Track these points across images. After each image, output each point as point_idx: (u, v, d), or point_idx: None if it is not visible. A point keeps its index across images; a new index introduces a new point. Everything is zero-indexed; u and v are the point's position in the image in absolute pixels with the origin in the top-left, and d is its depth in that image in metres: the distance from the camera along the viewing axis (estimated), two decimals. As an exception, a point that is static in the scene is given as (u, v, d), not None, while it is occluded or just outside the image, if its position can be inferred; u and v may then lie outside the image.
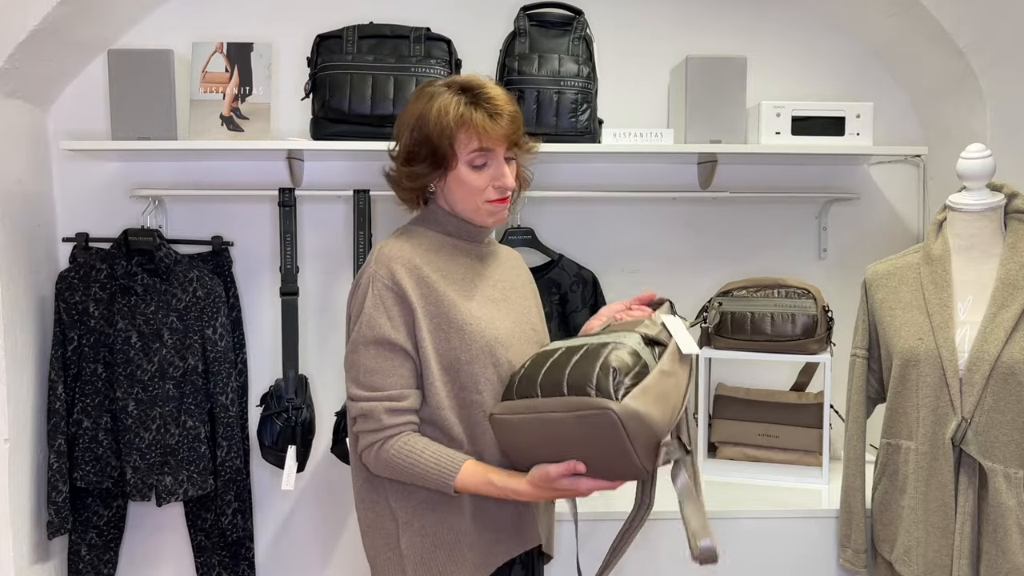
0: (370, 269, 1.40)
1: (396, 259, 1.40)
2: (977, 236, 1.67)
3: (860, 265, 2.40)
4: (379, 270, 1.39)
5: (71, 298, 2.09)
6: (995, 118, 2.08)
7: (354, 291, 1.43)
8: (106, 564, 2.20)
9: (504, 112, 1.41)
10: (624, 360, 1.25)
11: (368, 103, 2.02)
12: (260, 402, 2.11)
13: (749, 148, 2.08)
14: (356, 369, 1.39)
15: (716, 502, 1.95)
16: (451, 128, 1.39)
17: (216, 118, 2.07)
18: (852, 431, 1.85)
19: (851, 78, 2.38)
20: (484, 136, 1.40)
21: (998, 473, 1.57)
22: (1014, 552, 1.55)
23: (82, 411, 2.08)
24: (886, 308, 1.77)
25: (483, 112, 1.40)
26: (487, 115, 1.40)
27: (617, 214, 2.37)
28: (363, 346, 1.38)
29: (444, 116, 1.39)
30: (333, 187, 2.29)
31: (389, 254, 1.41)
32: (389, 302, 1.38)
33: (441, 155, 1.41)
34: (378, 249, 1.43)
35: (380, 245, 1.45)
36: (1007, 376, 1.57)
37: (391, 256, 1.41)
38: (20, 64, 1.96)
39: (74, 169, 2.25)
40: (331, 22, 2.27)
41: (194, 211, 2.29)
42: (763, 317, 2.11)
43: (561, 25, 2.14)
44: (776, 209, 2.40)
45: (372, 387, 1.38)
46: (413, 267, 1.41)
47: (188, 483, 2.07)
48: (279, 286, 2.16)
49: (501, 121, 1.40)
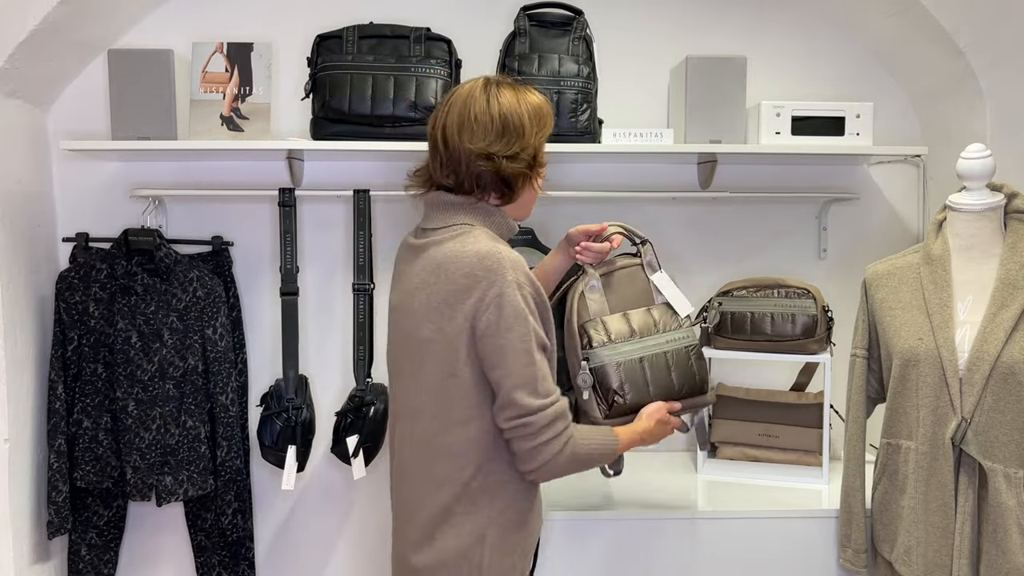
0: (508, 276, 1.38)
1: (522, 260, 1.43)
2: (977, 236, 1.67)
3: (860, 265, 2.39)
4: (518, 277, 1.39)
5: (71, 298, 2.09)
6: (995, 118, 2.08)
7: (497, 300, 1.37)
8: (106, 564, 2.20)
9: None
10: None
11: (368, 103, 2.02)
12: (260, 402, 2.11)
13: (749, 148, 2.08)
14: (536, 379, 1.38)
15: (716, 502, 1.95)
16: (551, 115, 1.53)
17: (216, 118, 2.07)
18: (852, 431, 1.85)
19: (851, 78, 2.38)
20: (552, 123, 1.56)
21: (998, 473, 1.57)
22: (1014, 552, 1.55)
23: (82, 411, 2.08)
24: (886, 308, 1.77)
25: None
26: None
27: (617, 214, 2.37)
28: (537, 354, 1.39)
29: (548, 104, 1.53)
30: (333, 187, 2.29)
31: (514, 259, 1.41)
32: (532, 306, 1.41)
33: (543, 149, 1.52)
34: (498, 256, 1.39)
35: (489, 251, 1.39)
36: (1007, 376, 1.57)
37: (518, 259, 1.42)
38: (20, 64, 1.96)
39: (74, 169, 2.25)
40: (331, 22, 2.27)
41: (194, 211, 2.29)
42: (763, 317, 2.11)
43: (561, 25, 2.14)
44: (776, 209, 2.40)
45: (549, 392, 1.40)
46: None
47: (188, 483, 2.07)
48: (279, 286, 2.16)
49: None
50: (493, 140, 1.45)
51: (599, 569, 1.89)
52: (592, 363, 1.67)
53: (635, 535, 1.89)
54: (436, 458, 1.44)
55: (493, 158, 1.44)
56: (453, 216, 1.48)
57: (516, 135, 1.46)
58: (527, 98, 1.49)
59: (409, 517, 1.48)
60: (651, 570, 1.90)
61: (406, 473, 1.50)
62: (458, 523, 1.43)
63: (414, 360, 1.45)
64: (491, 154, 1.44)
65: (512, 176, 1.46)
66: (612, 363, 1.66)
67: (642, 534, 1.89)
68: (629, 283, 1.76)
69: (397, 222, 2.33)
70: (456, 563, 1.43)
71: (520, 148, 1.46)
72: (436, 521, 1.44)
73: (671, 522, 1.89)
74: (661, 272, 1.74)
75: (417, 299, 1.44)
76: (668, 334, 1.71)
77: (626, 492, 2.02)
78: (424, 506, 1.45)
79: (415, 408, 1.47)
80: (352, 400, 2.09)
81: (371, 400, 2.08)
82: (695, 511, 1.91)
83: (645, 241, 1.79)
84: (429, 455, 1.44)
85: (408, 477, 1.49)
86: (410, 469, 1.48)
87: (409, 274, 1.49)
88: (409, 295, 1.46)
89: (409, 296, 1.46)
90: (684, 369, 1.71)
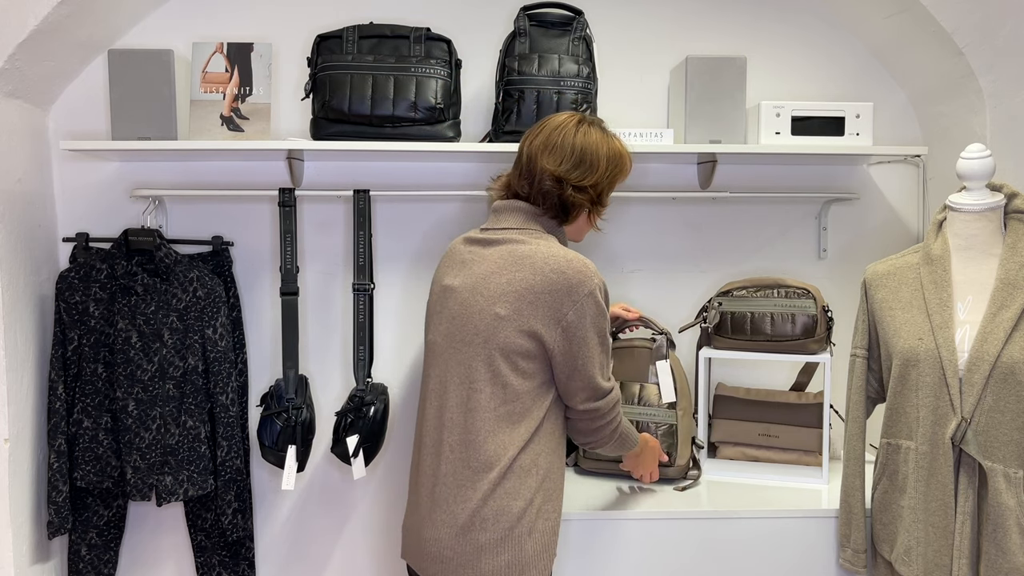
0: (595, 280, 1.57)
1: (597, 270, 1.62)
2: (977, 236, 1.67)
3: (860, 265, 2.40)
4: (602, 282, 1.59)
5: (71, 298, 2.09)
6: (995, 118, 2.08)
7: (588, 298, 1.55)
8: (106, 564, 2.20)
9: None
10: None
11: (368, 103, 2.02)
12: (260, 402, 2.11)
13: (749, 148, 2.08)
14: (605, 367, 1.62)
15: (716, 502, 1.95)
16: (629, 166, 1.72)
17: (216, 118, 2.07)
18: (852, 431, 1.85)
19: (851, 78, 2.38)
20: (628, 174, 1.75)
21: (998, 473, 1.57)
22: (1014, 552, 1.55)
23: (82, 411, 2.08)
24: (886, 308, 1.77)
25: None
26: None
27: (617, 214, 2.37)
28: (608, 349, 1.62)
29: (628, 155, 1.72)
30: (333, 187, 2.29)
31: (594, 267, 1.60)
32: (606, 309, 1.61)
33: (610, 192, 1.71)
34: (584, 260, 1.58)
35: (574, 258, 1.57)
36: (1007, 376, 1.57)
37: (596, 268, 1.61)
38: (20, 64, 1.96)
39: (74, 169, 2.26)
40: (331, 22, 2.27)
41: (194, 211, 2.29)
42: (763, 317, 2.11)
43: (561, 25, 2.14)
44: (776, 209, 2.40)
45: (610, 377, 1.65)
46: None
47: (188, 483, 2.07)
48: (279, 286, 2.16)
49: None
50: (569, 168, 1.62)
51: (599, 569, 1.89)
52: None
53: (635, 535, 1.89)
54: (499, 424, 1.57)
55: (562, 182, 1.62)
56: (527, 221, 1.65)
57: (590, 170, 1.63)
58: (611, 143, 1.68)
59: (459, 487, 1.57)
60: (651, 570, 1.90)
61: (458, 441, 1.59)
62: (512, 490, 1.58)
63: (482, 333, 1.57)
64: (562, 178, 1.62)
65: (573, 204, 1.64)
66: None
67: (642, 534, 1.89)
68: (633, 360, 2.14)
69: (397, 222, 2.33)
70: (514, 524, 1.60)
71: (590, 183, 1.64)
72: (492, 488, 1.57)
73: (671, 522, 1.89)
74: (664, 362, 2.07)
75: (494, 282, 1.57)
76: (646, 408, 2.07)
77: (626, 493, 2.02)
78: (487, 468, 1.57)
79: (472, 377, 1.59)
80: (352, 400, 2.09)
81: (371, 400, 2.08)
82: (695, 511, 1.91)
83: (663, 333, 2.10)
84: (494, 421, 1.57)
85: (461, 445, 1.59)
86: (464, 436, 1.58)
87: (480, 261, 1.62)
88: (483, 278, 1.59)
89: (483, 279, 1.59)
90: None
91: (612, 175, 1.67)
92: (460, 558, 1.54)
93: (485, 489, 1.54)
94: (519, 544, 1.54)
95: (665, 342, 2.10)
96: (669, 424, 2.05)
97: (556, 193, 1.62)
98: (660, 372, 2.08)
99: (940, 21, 2.07)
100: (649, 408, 2.06)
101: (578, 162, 1.63)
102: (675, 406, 2.06)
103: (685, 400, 2.09)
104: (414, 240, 2.34)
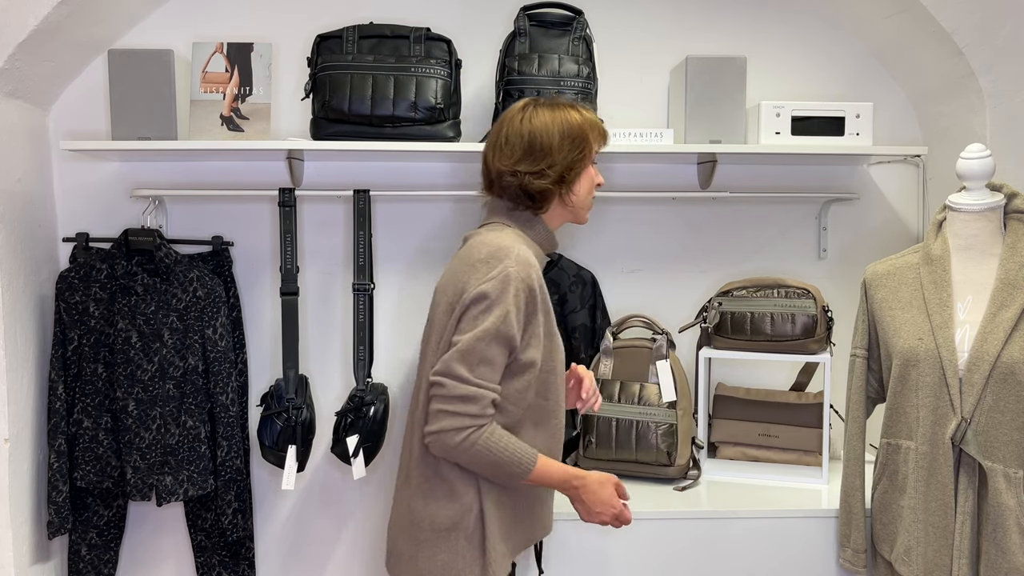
0: (511, 269, 1.47)
1: (532, 265, 1.51)
2: (977, 236, 1.67)
3: (860, 265, 2.40)
4: (520, 271, 1.48)
5: (71, 298, 2.09)
6: (995, 118, 2.08)
7: (488, 282, 1.46)
8: (106, 564, 2.20)
9: None
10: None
11: (368, 103, 2.02)
12: (260, 402, 2.11)
13: (749, 148, 2.08)
14: (475, 356, 1.45)
15: (716, 502, 1.95)
16: (599, 132, 1.60)
17: (216, 118, 2.07)
18: (852, 431, 1.85)
19: (851, 78, 2.38)
20: (606, 138, 1.64)
21: (998, 473, 1.57)
22: (1014, 552, 1.55)
23: (82, 411, 2.08)
24: (886, 308, 1.77)
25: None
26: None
27: (617, 214, 2.37)
28: (494, 339, 1.45)
29: (594, 122, 1.60)
30: (333, 187, 2.29)
31: (526, 258, 1.50)
32: (521, 303, 1.48)
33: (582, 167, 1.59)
34: (510, 249, 1.50)
35: (501, 243, 1.51)
36: (1007, 376, 1.57)
37: (528, 261, 1.50)
38: (20, 64, 1.96)
39: (74, 169, 2.26)
40: (331, 22, 2.27)
41: (194, 211, 2.29)
42: (763, 317, 2.11)
43: (561, 25, 2.14)
44: (776, 209, 2.40)
45: (483, 376, 1.46)
46: (537, 273, 1.53)
47: (188, 483, 2.07)
48: (279, 286, 2.16)
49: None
50: (520, 159, 1.55)
51: (600, 569, 1.89)
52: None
53: (635, 535, 1.89)
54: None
55: (517, 174, 1.55)
56: (500, 216, 1.61)
57: (542, 153, 1.55)
58: (566, 117, 1.57)
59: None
60: (651, 570, 1.90)
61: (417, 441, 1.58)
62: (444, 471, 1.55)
63: (437, 330, 1.55)
64: (515, 171, 1.56)
65: (537, 191, 1.56)
66: (593, 415, 2.08)
67: (642, 534, 1.89)
68: (634, 360, 2.14)
69: (397, 222, 2.33)
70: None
71: (547, 165, 1.55)
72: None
73: (671, 522, 1.89)
74: (664, 362, 2.08)
75: (445, 277, 1.57)
76: (646, 408, 2.06)
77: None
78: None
79: (423, 382, 1.56)
80: (352, 400, 2.09)
81: (371, 400, 2.08)
82: (695, 511, 1.91)
83: (663, 333, 2.12)
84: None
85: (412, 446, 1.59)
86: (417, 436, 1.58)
87: (453, 261, 1.62)
88: (443, 276, 1.60)
89: (443, 277, 1.59)
90: (646, 441, 2.05)
91: (573, 150, 1.57)
92: (403, 555, 1.56)
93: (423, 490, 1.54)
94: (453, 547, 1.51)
95: (665, 342, 2.10)
96: (669, 424, 2.05)
97: (516, 185, 1.56)
98: (660, 372, 2.09)
99: (940, 21, 2.07)
100: (649, 408, 2.06)
101: (527, 150, 1.55)
102: (675, 406, 2.06)
103: (685, 400, 2.09)
104: (414, 240, 2.34)
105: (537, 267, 1.54)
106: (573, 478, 1.54)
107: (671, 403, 2.06)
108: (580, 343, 2.24)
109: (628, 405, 2.08)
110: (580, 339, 2.24)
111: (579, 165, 1.58)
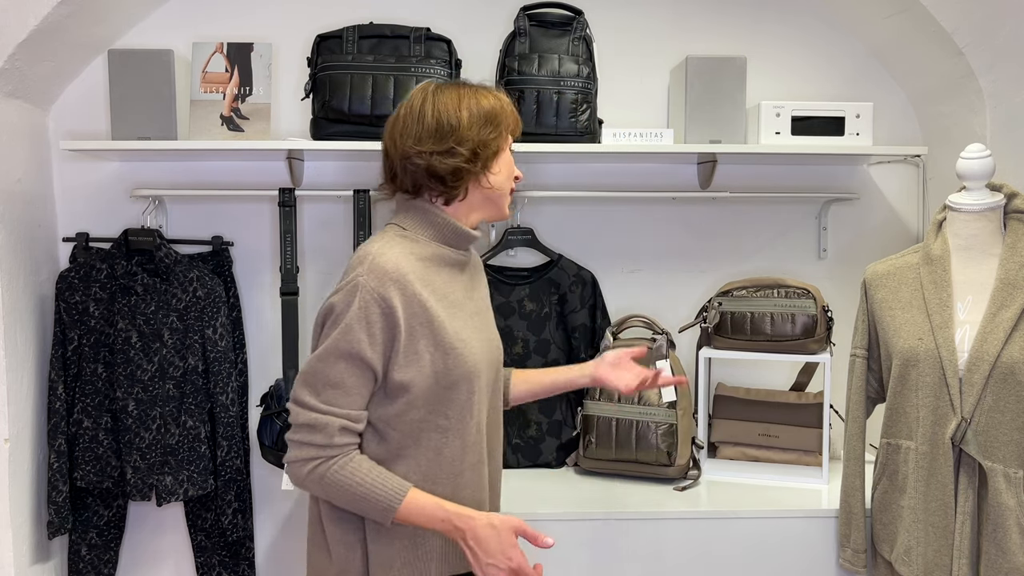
0: (360, 278, 1.33)
1: (388, 271, 1.34)
2: (977, 236, 1.67)
3: (860, 265, 2.40)
4: (369, 281, 1.32)
5: (71, 298, 2.09)
6: (995, 118, 2.08)
7: (337, 293, 1.35)
8: (106, 564, 2.20)
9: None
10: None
11: (368, 103, 2.02)
12: (260, 402, 2.11)
13: (749, 148, 2.08)
14: (317, 378, 1.33)
15: (716, 502, 1.95)
16: (511, 116, 1.46)
17: (216, 118, 2.07)
18: (852, 431, 1.85)
19: (851, 78, 2.38)
20: (518, 125, 1.49)
21: (998, 473, 1.57)
22: (1014, 552, 1.55)
23: (82, 411, 2.08)
24: (886, 308, 1.77)
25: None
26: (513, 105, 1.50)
27: (617, 214, 2.37)
28: (334, 357, 1.32)
29: (505, 104, 1.45)
30: (333, 187, 2.29)
31: (382, 265, 1.34)
32: (374, 317, 1.32)
33: (496, 146, 1.43)
34: (368, 255, 1.36)
35: (369, 250, 1.37)
36: (1007, 376, 1.57)
37: (384, 267, 1.34)
38: (20, 64, 1.96)
39: (74, 169, 2.26)
40: (331, 22, 2.27)
41: (194, 211, 2.29)
42: (763, 317, 2.11)
43: (561, 25, 2.14)
44: (776, 209, 2.40)
45: (330, 401, 1.32)
46: (404, 281, 1.35)
47: (188, 483, 2.07)
48: (279, 286, 2.16)
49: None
50: (424, 139, 1.39)
51: (600, 569, 1.89)
52: (584, 411, 2.12)
53: (635, 535, 1.89)
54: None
55: (423, 155, 1.39)
56: (393, 218, 1.47)
57: (450, 132, 1.39)
58: (475, 99, 1.42)
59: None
60: (651, 570, 1.90)
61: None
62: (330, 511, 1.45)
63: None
64: (421, 152, 1.39)
65: (446, 172, 1.39)
66: (593, 415, 2.10)
67: (642, 534, 1.89)
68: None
69: (397, 222, 2.33)
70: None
71: (455, 143, 1.38)
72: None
73: (671, 522, 1.89)
74: (665, 361, 2.09)
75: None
76: (646, 408, 2.07)
77: (626, 492, 2.02)
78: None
79: None
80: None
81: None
82: (695, 511, 1.91)
83: (663, 333, 2.13)
84: None
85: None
86: None
87: None
88: None
89: None
90: (646, 441, 2.06)
91: (485, 127, 1.41)
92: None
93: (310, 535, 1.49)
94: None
95: (665, 342, 2.10)
96: (669, 424, 2.05)
97: (423, 167, 1.39)
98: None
99: (940, 21, 2.07)
100: (649, 408, 2.06)
101: (434, 130, 1.38)
102: (675, 406, 2.06)
103: (685, 400, 2.09)
104: (414, 240, 2.33)
105: (404, 274, 1.35)
106: (455, 517, 1.30)
107: (671, 403, 2.06)
108: (580, 343, 2.24)
109: (628, 405, 2.08)
110: (580, 339, 2.24)
111: (494, 143, 1.42)
